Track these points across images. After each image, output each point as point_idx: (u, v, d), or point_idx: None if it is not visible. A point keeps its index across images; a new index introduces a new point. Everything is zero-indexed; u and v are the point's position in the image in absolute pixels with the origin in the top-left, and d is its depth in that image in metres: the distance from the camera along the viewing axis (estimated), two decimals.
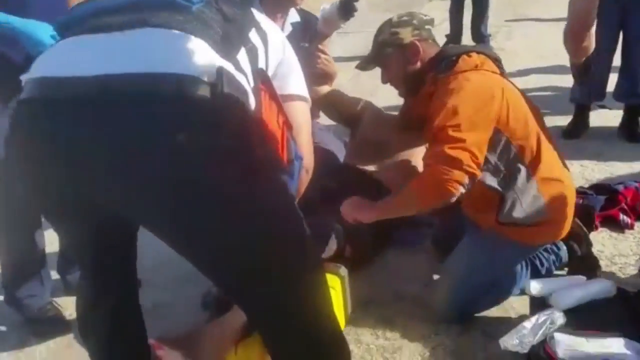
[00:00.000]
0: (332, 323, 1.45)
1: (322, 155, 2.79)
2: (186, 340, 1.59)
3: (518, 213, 1.93)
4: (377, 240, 2.54)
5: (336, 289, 2.10)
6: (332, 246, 2.22)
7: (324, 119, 3.18)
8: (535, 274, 2.17)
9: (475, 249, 2.09)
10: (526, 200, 1.93)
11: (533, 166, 1.94)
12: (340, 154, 2.94)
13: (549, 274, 2.18)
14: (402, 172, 2.63)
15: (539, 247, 2.12)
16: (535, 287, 1.99)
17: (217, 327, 1.70)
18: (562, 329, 1.82)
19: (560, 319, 1.84)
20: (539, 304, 1.98)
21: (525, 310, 2.10)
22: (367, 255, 2.49)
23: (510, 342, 1.79)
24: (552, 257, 2.21)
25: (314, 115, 3.02)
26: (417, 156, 2.66)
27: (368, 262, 2.51)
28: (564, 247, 2.23)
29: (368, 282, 2.42)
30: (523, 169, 1.92)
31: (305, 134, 1.52)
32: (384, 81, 2.23)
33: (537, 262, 2.19)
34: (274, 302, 1.31)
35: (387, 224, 2.54)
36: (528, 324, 1.82)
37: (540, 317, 1.83)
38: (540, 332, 1.80)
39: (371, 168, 2.64)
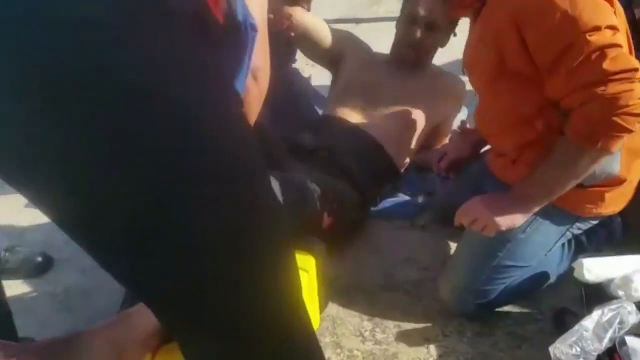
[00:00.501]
0: (302, 322, 0.86)
1: (294, 103, 2.23)
2: (67, 344, 0.98)
3: None
4: (364, 209, 1.94)
5: (310, 272, 1.51)
6: (312, 209, 1.62)
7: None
8: (580, 253, 1.60)
9: None
10: None
11: None
12: (320, 108, 2.35)
13: (597, 254, 1.60)
14: (399, 123, 2.06)
15: (594, 218, 1.53)
16: (591, 268, 1.40)
17: (119, 326, 1.09)
18: (636, 330, 1.25)
19: (632, 315, 1.26)
20: (595, 294, 1.40)
21: (568, 303, 1.54)
22: (351, 228, 1.89)
23: (565, 349, 1.21)
24: (603, 230, 1.62)
25: (290, 57, 2.44)
26: (415, 103, 2.09)
27: (352, 236, 1.90)
28: (618, 219, 1.64)
29: (351, 263, 1.82)
30: None
31: (257, 4, 0.91)
32: None
33: (584, 238, 1.60)
34: (208, 298, 0.72)
35: (376, 186, 1.98)
36: (589, 323, 1.24)
37: (606, 313, 1.25)
38: (608, 335, 1.22)
39: (359, 120, 2.05)
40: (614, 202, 1.48)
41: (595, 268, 1.40)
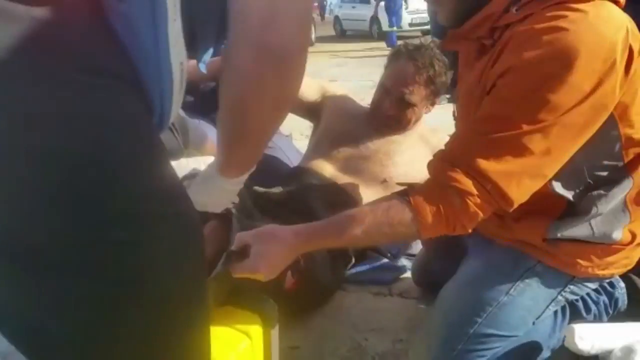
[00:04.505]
0: None
1: (268, 162, 2.06)
2: None
3: (582, 231, 1.19)
4: (336, 271, 1.72)
5: (253, 338, 1.27)
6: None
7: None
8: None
9: (484, 279, 1.29)
10: (605, 218, 1.19)
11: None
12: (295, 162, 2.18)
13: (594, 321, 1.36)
14: (377, 179, 1.89)
15: (589, 280, 1.30)
16: (584, 336, 1.15)
17: None
18: None
19: None
20: None
21: None
22: (318, 293, 1.66)
23: None
24: (604, 298, 1.38)
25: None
26: (396, 159, 1.92)
27: (318, 302, 1.67)
28: (621, 284, 1.40)
29: (313, 332, 1.57)
30: (627, 182, 1.19)
31: None
32: None
33: (581, 305, 1.36)
34: None
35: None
36: None
37: None
38: None
39: (334, 172, 1.88)
40: (614, 264, 1.25)
41: (590, 336, 1.15)
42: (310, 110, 2.06)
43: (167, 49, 0.65)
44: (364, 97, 2.21)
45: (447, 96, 2.79)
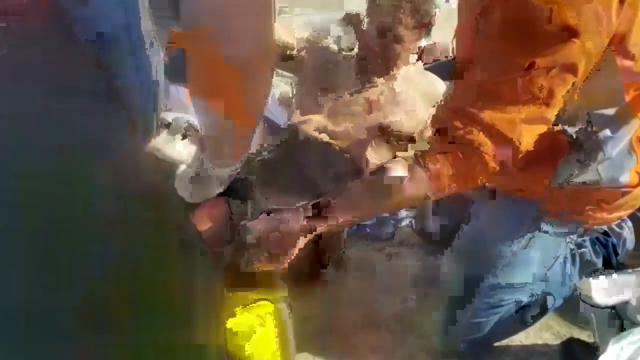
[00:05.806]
0: None
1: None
2: None
3: (589, 176, 1.16)
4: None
5: (267, 325, 1.25)
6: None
7: None
8: (586, 270, 1.34)
9: (492, 234, 1.27)
10: (612, 162, 1.15)
11: None
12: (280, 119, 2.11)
13: (607, 268, 1.35)
14: (373, 132, 1.82)
15: (598, 224, 1.28)
16: (600, 289, 1.15)
17: None
18: None
19: None
20: (607, 320, 1.15)
21: (577, 332, 1.29)
22: (324, 253, 1.63)
23: None
24: (612, 239, 1.37)
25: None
26: (388, 107, 1.85)
27: (324, 265, 1.65)
28: (629, 223, 1.39)
29: (323, 301, 1.56)
30: (633, 122, 1.13)
31: None
32: None
33: (588, 249, 1.35)
34: None
35: None
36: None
37: (625, 347, 1.01)
38: None
39: (326, 128, 1.81)
40: (622, 207, 1.23)
41: (606, 288, 1.15)
42: (290, 59, 1.97)
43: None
44: None
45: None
